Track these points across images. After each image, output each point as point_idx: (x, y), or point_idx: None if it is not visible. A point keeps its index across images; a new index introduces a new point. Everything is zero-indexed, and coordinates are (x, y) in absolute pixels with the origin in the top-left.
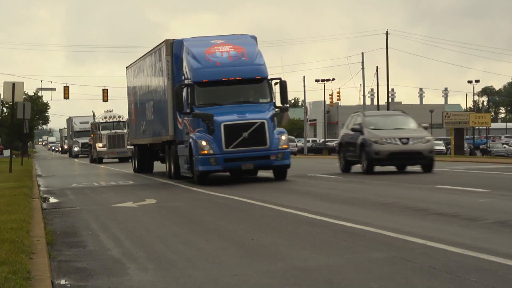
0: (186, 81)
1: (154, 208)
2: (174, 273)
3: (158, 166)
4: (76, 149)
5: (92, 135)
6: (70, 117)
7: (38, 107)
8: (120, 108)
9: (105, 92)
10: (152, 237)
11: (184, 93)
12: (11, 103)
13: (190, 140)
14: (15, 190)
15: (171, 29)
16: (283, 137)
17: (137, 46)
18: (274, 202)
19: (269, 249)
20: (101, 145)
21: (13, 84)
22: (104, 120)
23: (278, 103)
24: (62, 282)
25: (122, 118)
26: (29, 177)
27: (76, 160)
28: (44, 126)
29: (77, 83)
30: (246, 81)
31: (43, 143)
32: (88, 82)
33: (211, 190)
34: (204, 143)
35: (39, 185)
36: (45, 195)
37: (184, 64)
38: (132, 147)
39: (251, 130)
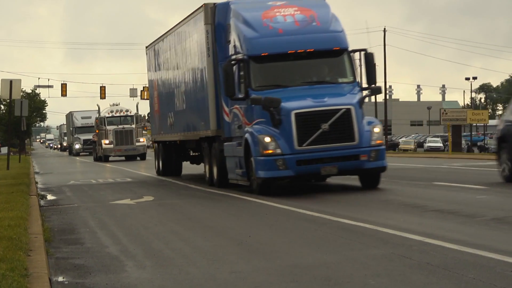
0: (237, 56)
1: (152, 205)
2: (172, 270)
3: (188, 167)
4: (77, 146)
5: (97, 131)
6: (70, 112)
7: (35, 104)
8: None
9: (102, 89)
10: (149, 234)
11: (235, 72)
12: (8, 100)
13: (246, 135)
14: (13, 187)
15: (171, 26)
16: (376, 130)
17: (136, 43)
18: (271, 199)
19: (266, 246)
20: (107, 141)
21: (11, 81)
22: (110, 115)
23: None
24: (60, 279)
25: (130, 112)
26: (27, 174)
27: (77, 158)
28: (42, 124)
29: (75, 80)
30: (320, 53)
31: (41, 141)
32: (86, 80)
33: (208, 187)
34: (267, 139)
35: (36, 182)
36: (42, 192)
37: (233, 34)
38: (155, 144)
39: (333, 121)
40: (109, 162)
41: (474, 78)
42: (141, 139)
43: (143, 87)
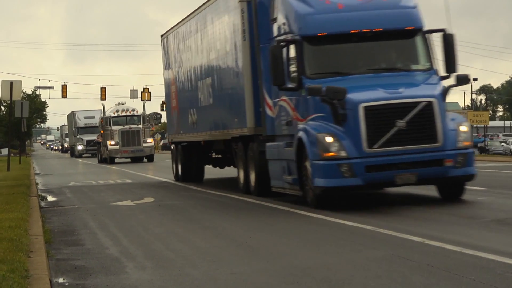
0: (287, 37)
1: (152, 207)
2: (172, 272)
3: (210, 171)
4: (80, 147)
5: (101, 131)
6: (72, 112)
7: (36, 106)
8: None
9: (103, 90)
10: (150, 236)
11: (284, 57)
12: (9, 102)
13: (300, 133)
14: (13, 189)
15: (171, 26)
16: (463, 128)
17: (136, 44)
18: (271, 201)
19: (267, 247)
20: (113, 142)
21: (11, 82)
22: (116, 114)
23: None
24: (60, 280)
25: (137, 112)
26: (27, 176)
27: (80, 160)
28: (42, 125)
29: (76, 81)
30: (389, 34)
31: (41, 142)
32: (86, 81)
33: (208, 188)
34: (329, 138)
35: (37, 184)
36: (43, 194)
37: (280, 10)
38: (173, 145)
39: (412, 116)
40: (115, 164)
41: (475, 79)
42: (149, 140)
43: (144, 88)
